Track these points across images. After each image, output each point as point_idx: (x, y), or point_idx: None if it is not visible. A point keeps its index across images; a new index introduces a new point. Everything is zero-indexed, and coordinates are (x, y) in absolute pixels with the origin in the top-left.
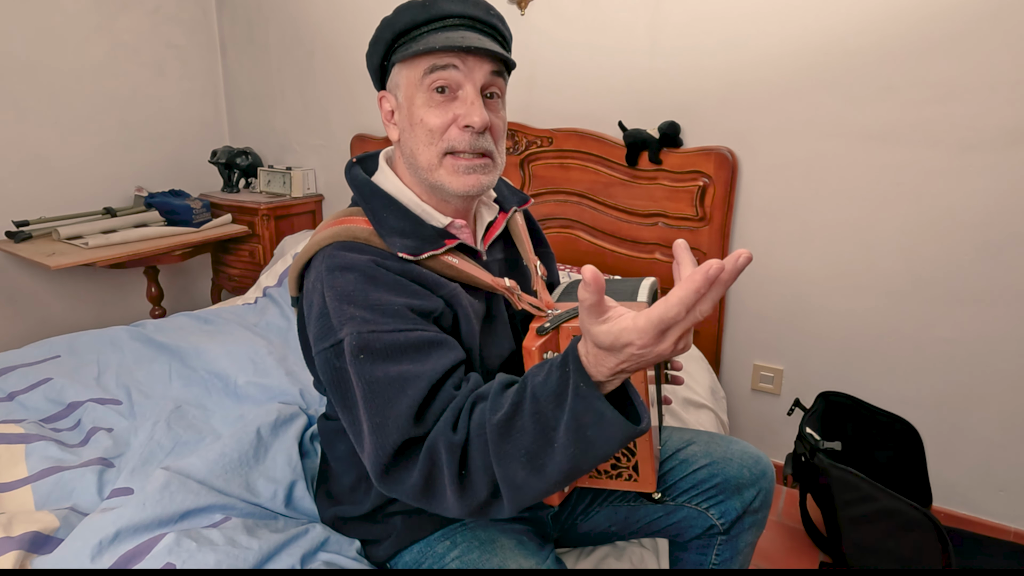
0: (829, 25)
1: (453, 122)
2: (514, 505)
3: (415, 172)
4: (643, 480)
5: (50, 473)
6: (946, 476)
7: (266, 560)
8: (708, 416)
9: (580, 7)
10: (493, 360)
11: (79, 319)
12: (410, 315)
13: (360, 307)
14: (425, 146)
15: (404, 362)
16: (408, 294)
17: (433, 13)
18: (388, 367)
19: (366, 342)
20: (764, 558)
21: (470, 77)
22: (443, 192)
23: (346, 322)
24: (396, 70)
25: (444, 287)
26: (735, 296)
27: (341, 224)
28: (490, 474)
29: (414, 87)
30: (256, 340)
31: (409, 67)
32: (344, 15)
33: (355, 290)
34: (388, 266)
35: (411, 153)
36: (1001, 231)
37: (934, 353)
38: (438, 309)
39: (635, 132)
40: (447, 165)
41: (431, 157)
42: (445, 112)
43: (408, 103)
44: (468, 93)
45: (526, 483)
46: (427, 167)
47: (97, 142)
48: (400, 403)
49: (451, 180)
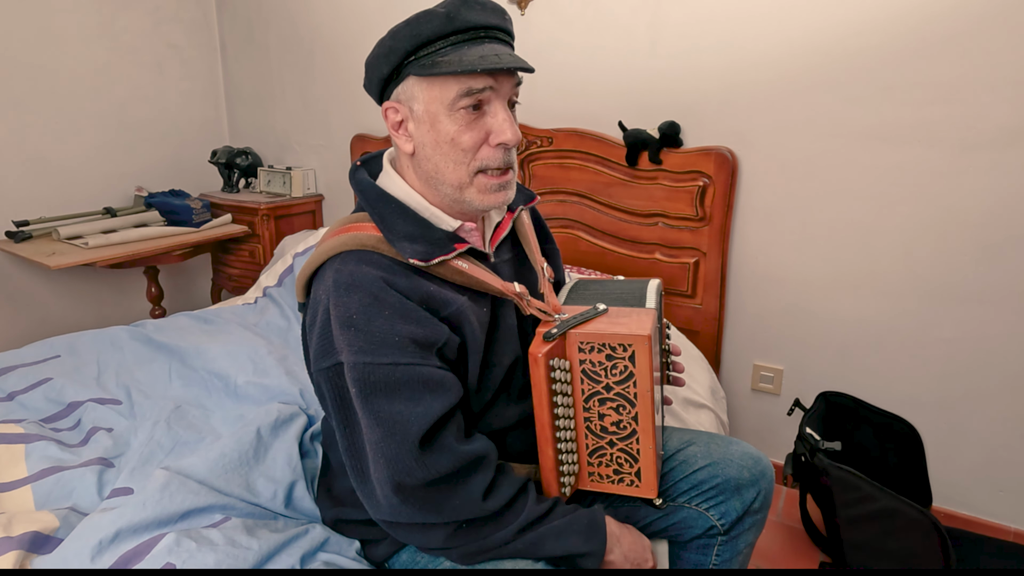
0: (829, 25)
1: (485, 140)
2: (458, 553)
3: (437, 187)
4: (645, 486)
5: (50, 473)
6: (946, 476)
7: (266, 560)
8: (708, 416)
9: (580, 7)
10: (498, 368)
11: (79, 319)
12: (410, 346)
13: (361, 334)
14: (456, 164)
15: (396, 401)
16: (412, 321)
17: (458, 25)
18: (380, 404)
19: (361, 375)
20: (764, 558)
21: (500, 93)
22: (467, 206)
23: (345, 347)
24: (413, 82)
25: (451, 304)
26: (735, 296)
27: (348, 232)
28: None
29: (442, 104)
30: (256, 340)
31: (436, 84)
32: (344, 15)
33: (358, 314)
34: (396, 284)
35: (435, 169)
36: (1001, 231)
37: (934, 353)
38: (441, 339)
39: (635, 132)
40: (479, 184)
41: (462, 176)
42: (478, 130)
43: (431, 119)
44: (499, 109)
45: (475, 553)
46: (457, 185)
47: (97, 142)
48: (390, 445)
49: (482, 198)
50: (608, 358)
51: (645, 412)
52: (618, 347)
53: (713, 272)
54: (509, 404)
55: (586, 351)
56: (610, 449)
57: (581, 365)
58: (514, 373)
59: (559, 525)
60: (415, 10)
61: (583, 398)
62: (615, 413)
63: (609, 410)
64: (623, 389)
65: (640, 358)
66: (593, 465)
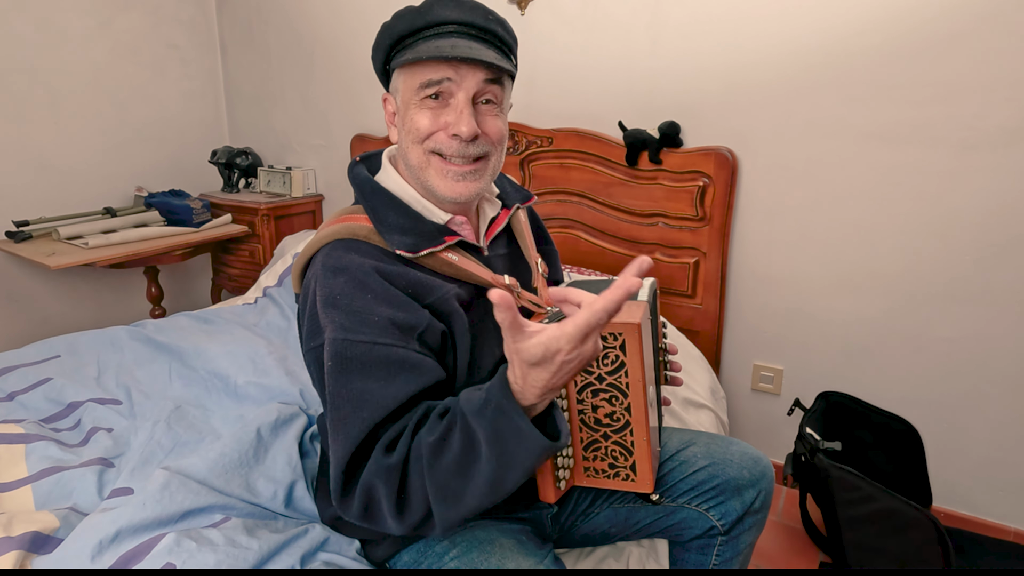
0: (829, 25)
1: (443, 128)
2: (443, 522)
3: (412, 173)
4: (641, 480)
5: (50, 473)
6: (946, 476)
7: (266, 560)
8: (708, 416)
9: (580, 7)
10: (487, 359)
11: (79, 319)
12: (390, 328)
13: (343, 312)
14: (414, 145)
15: (370, 379)
16: (394, 305)
17: (429, 19)
18: (354, 380)
19: (338, 349)
20: (764, 558)
21: (462, 86)
22: (435, 193)
23: (328, 325)
24: (396, 74)
25: (437, 291)
26: (735, 296)
27: (341, 222)
28: (424, 491)
29: (410, 93)
30: (256, 340)
31: (406, 74)
32: (344, 15)
33: (341, 294)
34: (383, 271)
35: (405, 154)
36: (1001, 231)
37: (934, 353)
38: (422, 324)
39: (635, 132)
40: (435, 165)
41: (419, 155)
42: (436, 117)
43: (404, 107)
44: (459, 102)
45: (455, 497)
46: (417, 166)
47: (97, 142)
48: (354, 422)
49: (440, 184)
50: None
51: (638, 403)
52: (609, 336)
53: (713, 272)
54: None
55: None
56: (604, 442)
57: None
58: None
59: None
60: None
61: (576, 390)
62: (608, 404)
63: (602, 401)
64: (615, 379)
65: (631, 347)
66: (588, 459)
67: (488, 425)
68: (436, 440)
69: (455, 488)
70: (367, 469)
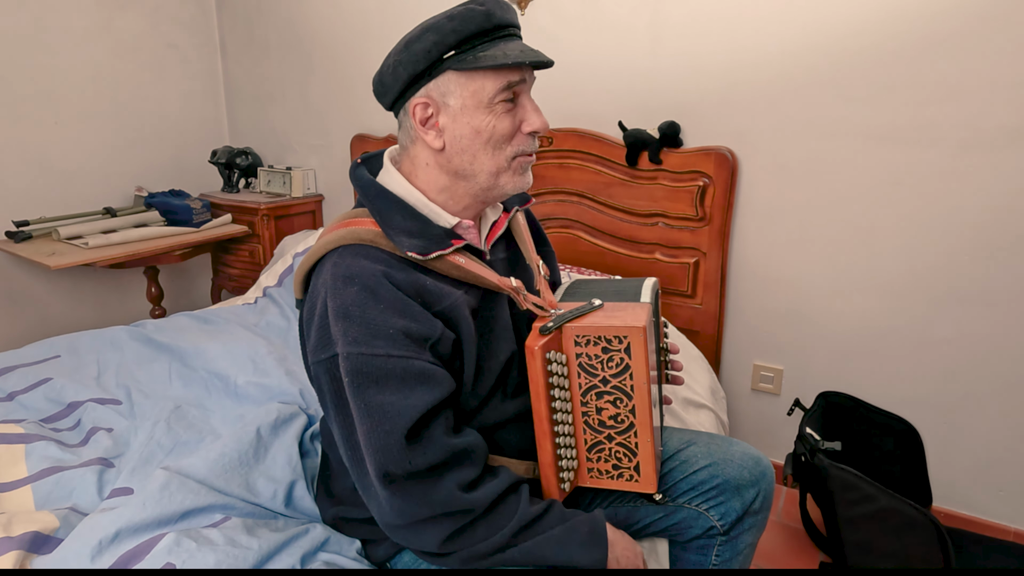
0: (829, 25)
1: (518, 128)
2: (459, 561)
3: (468, 179)
4: (644, 481)
5: (50, 473)
6: (946, 476)
7: (266, 560)
8: (708, 416)
9: (580, 7)
10: (494, 363)
11: (79, 319)
12: (403, 340)
13: (355, 324)
14: (495, 151)
15: (387, 392)
16: (407, 316)
17: (496, 22)
18: (371, 394)
19: (353, 364)
20: (764, 558)
21: (528, 85)
22: (496, 192)
23: (340, 338)
24: (448, 77)
25: (446, 298)
26: (735, 296)
27: (346, 227)
28: (478, 546)
29: (483, 96)
30: (256, 340)
31: (476, 78)
32: (344, 15)
33: (353, 304)
34: (393, 278)
35: (472, 160)
36: (1001, 231)
37: (934, 353)
38: (435, 334)
39: (635, 132)
40: (515, 167)
41: (500, 161)
42: (513, 119)
43: (467, 112)
44: (529, 101)
45: (482, 559)
46: (495, 172)
47: (97, 142)
48: (378, 435)
49: (514, 181)
50: (604, 351)
51: (642, 405)
52: (614, 339)
53: (713, 272)
54: (505, 400)
55: (582, 344)
56: (608, 444)
57: (578, 358)
58: (510, 369)
59: (558, 533)
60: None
61: (580, 392)
62: (612, 407)
63: (606, 404)
64: (620, 382)
65: (636, 350)
66: (592, 461)
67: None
68: (480, 518)
69: (471, 554)
70: (441, 490)
